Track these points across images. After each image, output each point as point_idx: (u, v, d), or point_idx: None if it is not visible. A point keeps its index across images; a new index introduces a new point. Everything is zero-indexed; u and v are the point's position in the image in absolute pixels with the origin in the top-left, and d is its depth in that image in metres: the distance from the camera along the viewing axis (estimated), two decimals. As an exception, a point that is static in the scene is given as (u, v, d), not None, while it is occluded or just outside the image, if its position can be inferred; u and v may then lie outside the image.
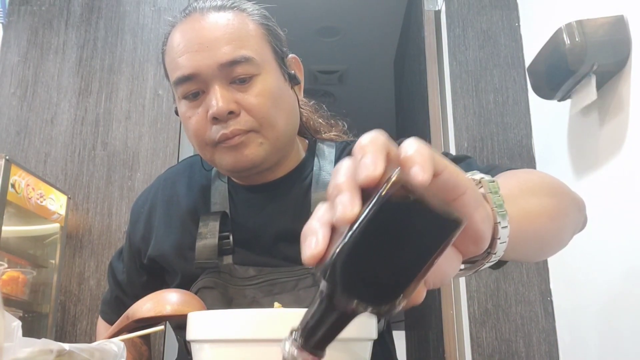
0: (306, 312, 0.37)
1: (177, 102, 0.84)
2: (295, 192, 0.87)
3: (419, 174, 0.33)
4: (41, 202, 1.98)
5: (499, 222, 0.44)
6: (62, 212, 2.09)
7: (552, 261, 1.96)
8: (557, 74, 1.56)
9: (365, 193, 0.34)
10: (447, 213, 0.33)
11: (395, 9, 3.18)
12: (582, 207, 0.74)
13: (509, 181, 0.57)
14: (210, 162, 0.84)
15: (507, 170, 0.71)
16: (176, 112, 0.85)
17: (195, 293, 0.78)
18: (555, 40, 1.52)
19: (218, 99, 0.76)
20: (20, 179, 1.87)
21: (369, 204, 0.33)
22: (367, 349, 0.54)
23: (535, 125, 2.11)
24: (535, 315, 1.93)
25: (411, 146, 0.36)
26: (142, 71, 2.37)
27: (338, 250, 0.33)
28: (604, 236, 1.54)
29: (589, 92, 1.50)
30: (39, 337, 0.47)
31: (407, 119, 2.93)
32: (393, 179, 0.33)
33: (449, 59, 2.25)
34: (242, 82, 0.78)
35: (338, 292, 0.33)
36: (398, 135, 3.42)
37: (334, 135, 0.98)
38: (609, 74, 1.49)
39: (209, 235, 0.81)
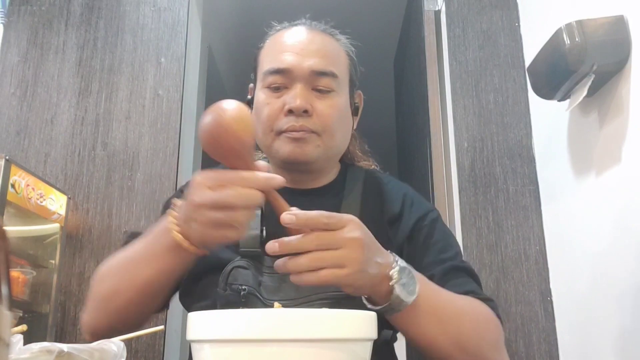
0: None
1: (256, 92, 0.95)
2: (327, 201, 0.95)
3: None
4: (41, 202, 1.98)
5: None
6: (62, 212, 2.09)
7: (552, 261, 1.96)
8: (557, 74, 1.56)
9: None
10: None
11: (395, 9, 3.18)
12: None
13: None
14: (267, 150, 0.94)
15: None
16: (249, 103, 0.97)
17: (231, 270, 0.85)
18: (555, 40, 1.52)
19: (299, 96, 0.89)
20: (20, 179, 1.87)
21: None
22: (367, 349, 0.54)
23: (535, 125, 2.11)
24: (535, 315, 1.93)
25: None
26: (142, 71, 2.37)
27: None
28: (604, 236, 1.54)
29: (582, 91, 1.50)
30: (39, 338, 0.48)
31: (407, 119, 2.93)
32: None
33: (449, 59, 2.25)
34: (321, 92, 0.91)
35: None
36: (398, 135, 3.42)
37: (365, 164, 1.10)
38: (609, 74, 1.49)
39: (252, 227, 0.86)
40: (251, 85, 1.00)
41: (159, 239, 0.74)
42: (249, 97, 0.98)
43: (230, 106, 0.65)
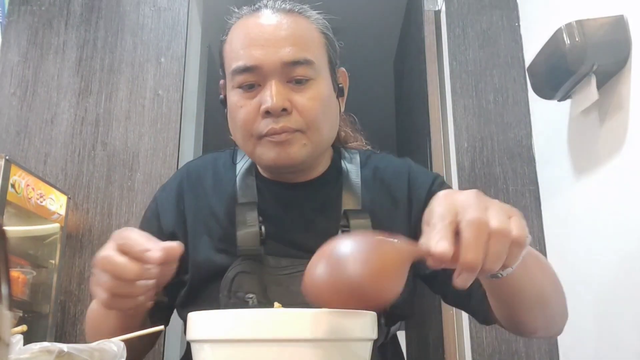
0: None
1: (227, 92, 0.86)
2: (326, 192, 0.90)
3: None
4: (41, 202, 1.98)
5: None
6: (62, 212, 2.09)
7: (552, 261, 1.95)
8: (557, 74, 1.56)
9: None
10: None
11: (395, 9, 3.18)
12: (565, 315, 0.88)
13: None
14: (250, 155, 0.86)
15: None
16: (222, 103, 0.88)
17: (234, 277, 0.79)
18: (555, 40, 1.52)
19: (274, 94, 0.79)
20: (20, 179, 1.87)
21: None
22: (367, 349, 0.54)
23: (535, 125, 2.11)
24: (535, 315, 1.93)
25: None
26: (142, 71, 2.37)
27: None
28: (604, 236, 1.54)
29: (590, 93, 1.50)
30: (39, 338, 0.48)
31: (407, 119, 2.93)
32: None
33: (449, 59, 2.25)
34: (299, 83, 0.81)
35: None
36: (398, 135, 3.42)
37: (356, 144, 1.03)
38: (609, 74, 1.49)
39: (249, 223, 0.82)
40: (222, 81, 0.89)
41: None
42: (221, 96, 0.89)
43: (356, 258, 0.49)
